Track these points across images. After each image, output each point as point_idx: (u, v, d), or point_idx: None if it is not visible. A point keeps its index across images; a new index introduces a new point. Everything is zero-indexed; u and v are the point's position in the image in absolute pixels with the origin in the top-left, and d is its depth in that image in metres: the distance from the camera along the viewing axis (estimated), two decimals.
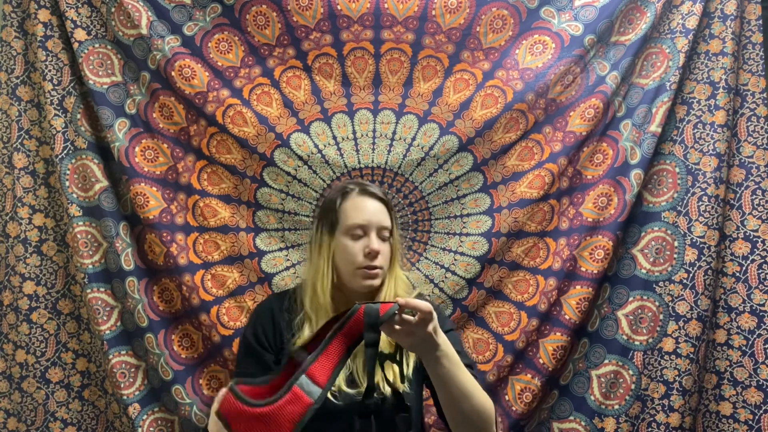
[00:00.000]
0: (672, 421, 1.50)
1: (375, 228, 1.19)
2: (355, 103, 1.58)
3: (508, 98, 1.54)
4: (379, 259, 1.18)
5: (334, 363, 0.80)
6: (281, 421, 0.76)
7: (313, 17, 1.53)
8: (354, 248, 1.18)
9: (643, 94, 1.56)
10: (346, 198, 1.22)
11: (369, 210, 1.20)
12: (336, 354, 0.81)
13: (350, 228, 1.19)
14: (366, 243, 1.18)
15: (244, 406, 0.78)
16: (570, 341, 1.54)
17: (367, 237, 1.18)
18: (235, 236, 1.56)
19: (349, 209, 1.20)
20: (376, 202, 1.21)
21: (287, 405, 0.77)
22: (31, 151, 1.55)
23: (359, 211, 1.19)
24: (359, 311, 0.83)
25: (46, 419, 1.53)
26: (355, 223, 1.18)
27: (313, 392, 0.78)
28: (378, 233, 1.20)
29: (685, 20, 1.54)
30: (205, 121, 1.53)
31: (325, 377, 0.79)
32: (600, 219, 1.54)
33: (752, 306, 1.52)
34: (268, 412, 0.77)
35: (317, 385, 0.78)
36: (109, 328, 1.50)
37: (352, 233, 1.19)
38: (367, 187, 1.23)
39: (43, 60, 1.49)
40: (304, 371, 0.79)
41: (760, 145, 1.54)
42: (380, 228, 1.20)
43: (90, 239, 1.51)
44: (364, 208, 1.20)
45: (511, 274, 1.59)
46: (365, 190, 1.23)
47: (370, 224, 1.19)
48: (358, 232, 1.19)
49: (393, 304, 0.85)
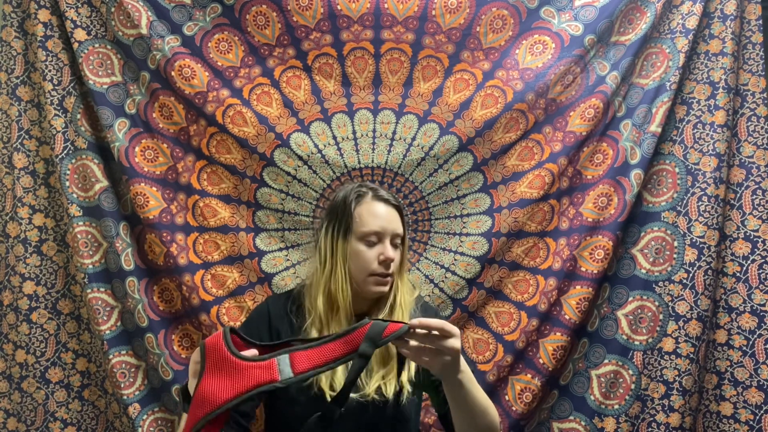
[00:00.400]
0: (672, 421, 1.50)
1: (390, 235, 1.19)
2: (355, 103, 1.58)
3: (508, 98, 1.54)
4: (391, 266, 1.19)
5: (321, 362, 0.80)
6: (244, 378, 0.78)
7: (313, 17, 1.53)
8: (368, 255, 1.18)
9: (643, 94, 1.56)
10: (360, 202, 1.21)
11: (385, 217, 1.20)
12: (327, 355, 0.80)
13: (366, 234, 1.18)
14: (380, 250, 1.18)
15: (224, 348, 0.80)
16: (570, 341, 1.54)
17: (382, 244, 1.19)
18: (235, 236, 1.56)
19: (364, 215, 1.19)
20: (390, 209, 1.22)
21: (257, 369, 0.78)
22: (31, 151, 1.55)
23: (375, 218, 1.19)
24: (367, 326, 0.83)
25: (46, 419, 1.53)
26: (371, 230, 1.18)
27: (284, 372, 0.78)
28: (392, 240, 1.20)
29: (685, 20, 1.54)
30: (205, 121, 1.53)
31: (305, 368, 0.79)
32: (600, 219, 1.54)
33: (753, 306, 1.52)
34: (238, 365, 0.78)
35: (292, 370, 0.78)
36: (109, 328, 1.50)
37: (367, 240, 1.19)
38: (380, 193, 1.23)
39: (43, 60, 1.50)
40: (288, 352, 0.80)
41: (760, 145, 1.54)
42: (394, 235, 1.20)
43: (90, 239, 1.51)
44: (380, 215, 1.19)
45: (511, 274, 1.59)
46: (379, 196, 1.22)
47: (385, 231, 1.19)
48: (373, 238, 1.19)
49: (402, 324, 0.85)
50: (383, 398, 1.13)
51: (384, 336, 0.83)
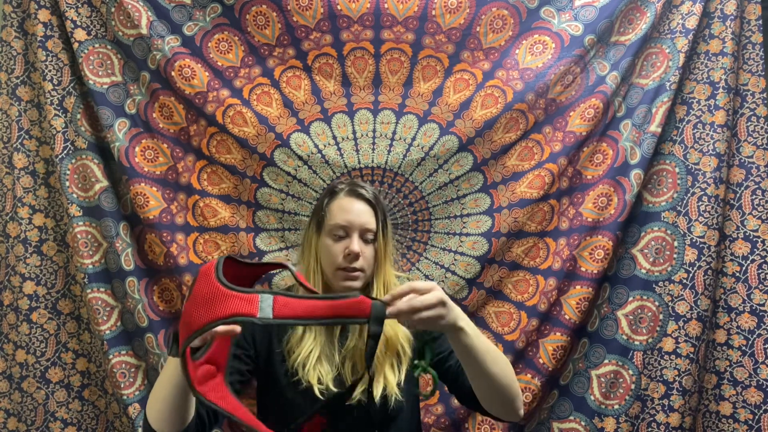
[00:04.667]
0: (672, 421, 1.50)
1: (357, 229, 1.18)
2: (355, 103, 1.58)
3: (508, 98, 1.54)
4: (360, 261, 1.17)
5: (301, 314, 0.79)
6: (223, 306, 0.77)
7: (313, 17, 1.53)
8: (335, 249, 1.18)
9: (643, 94, 1.56)
10: (334, 198, 1.22)
11: (353, 211, 1.19)
12: (310, 311, 0.80)
13: (333, 228, 1.19)
14: (347, 244, 1.18)
15: (213, 275, 0.80)
16: (570, 341, 1.54)
17: (349, 238, 1.18)
18: (235, 236, 1.56)
19: (334, 209, 1.20)
20: (362, 204, 1.21)
21: (238, 300, 0.78)
22: (31, 151, 1.55)
23: (343, 212, 1.19)
24: (358, 299, 0.82)
25: (46, 419, 1.53)
26: (337, 223, 1.19)
27: (264, 311, 0.78)
28: (361, 235, 1.19)
29: (685, 20, 1.54)
30: (205, 121, 1.53)
31: (285, 314, 0.78)
32: (600, 219, 1.54)
33: (752, 306, 1.52)
34: (221, 292, 0.78)
35: (272, 312, 0.78)
36: (109, 328, 1.50)
37: (334, 234, 1.19)
38: (357, 188, 1.23)
39: (43, 60, 1.49)
40: (274, 294, 0.79)
41: (760, 145, 1.54)
42: (364, 230, 1.19)
43: (90, 239, 1.51)
44: (348, 209, 1.19)
45: (511, 274, 1.59)
46: (353, 191, 1.22)
47: (351, 225, 1.18)
48: (340, 232, 1.19)
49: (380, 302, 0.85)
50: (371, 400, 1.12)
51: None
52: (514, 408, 1.02)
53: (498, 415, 1.05)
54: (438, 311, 0.88)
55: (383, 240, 1.21)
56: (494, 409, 1.04)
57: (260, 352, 1.20)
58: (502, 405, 1.02)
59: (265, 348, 1.20)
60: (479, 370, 0.97)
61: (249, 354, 1.18)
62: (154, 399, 0.96)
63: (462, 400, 1.14)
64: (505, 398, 1.01)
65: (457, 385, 1.13)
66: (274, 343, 1.20)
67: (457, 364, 1.12)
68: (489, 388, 1.00)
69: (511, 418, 1.05)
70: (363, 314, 0.82)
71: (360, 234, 1.19)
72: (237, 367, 1.15)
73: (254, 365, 1.20)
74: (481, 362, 0.96)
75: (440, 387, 1.57)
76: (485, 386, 1.00)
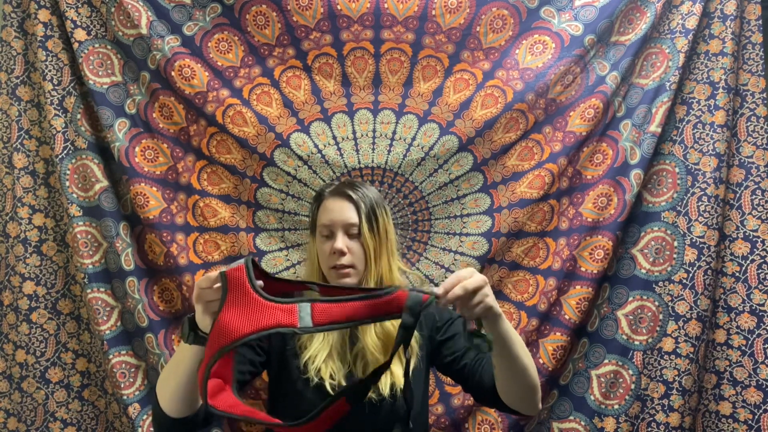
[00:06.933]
0: (672, 420, 1.50)
1: (340, 227, 1.20)
2: (355, 103, 1.58)
3: (508, 98, 1.54)
4: (347, 257, 1.19)
5: (341, 319, 0.80)
6: (265, 317, 0.78)
7: (313, 17, 1.53)
8: (324, 249, 1.22)
9: (643, 94, 1.56)
10: (321, 200, 1.26)
11: (335, 210, 1.22)
12: (348, 313, 0.80)
13: (321, 229, 1.23)
14: (333, 242, 1.20)
15: (248, 285, 0.81)
16: (570, 341, 1.54)
17: (334, 236, 1.21)
18: (235, 236, 1.56)
19: (321, 211, 1.24)
20: (343, 201, 1.22)
21: (278, 311, 0.79)
22: (31, 151, 1.55)
23: (326, 212, 1.22)
24: (396, 293, 0.82)
25: (46, 419, 1.53)
26: (322, 223, 1.23)
27: (304, 320, 0.79)
28: (346, 231, 1.21)
29: (685, 20, 1.54)
30: (205, 121, 1.53)
31: (323, 321, 0.79)
32: (600, 219, 1.54)
33: (752, 306, 1.52)
34: (261, 303, 0.79)
35: (312, 320, 0.79)
36: (109, 328, 1.50)
37: (322, 234, 1.23)
38: (341, 187, 1.25)
39: (43, 60, 1.49)
40: (312, 301, 0.80)
41: (759, 145, 1.54)
42: (347, 225, 1.20)
43: (90, 239, 1.51)
44: (331, 209, 1.22)
45: (511, 274, 1.59)
46: (336, 191, 1.24)
47: (334, 224, 1.21)
48: (326, 232, 1.22)
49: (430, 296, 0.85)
50: (380, 396, 1.13)
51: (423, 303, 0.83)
52: (535, 400, 1.06)
53: (519, 409, 1.07)
54: (486, 290, 0.90)
55: (369, 233, 1.20)
56: (516, 402, 1.06)
57: (274, 346, 1.23)
58: (525, 396, 1.05)
59: (279, 342, 1.23)
60: (512, 358, 0.99)
61: (263, 347, 1.21)
62: (165, 383, 1.00)
63: (479, 397, 1.16)
64: (529, 388, 1.03)
65: (475, 381, 1.14)
66: (288, 339, 1.22)
67: (474, 361, 1.15)
68: (516, 378, 1.02)
69: (530, 411, 1.07)
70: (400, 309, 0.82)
71: (344, 231, 1.20)
72: (250, 358, 1.18)
73: (267, 357, 1.22)
74: (515, 350, 0.98)
75: (440, 387, 1.58)
76: (513, 376, 1.02)
